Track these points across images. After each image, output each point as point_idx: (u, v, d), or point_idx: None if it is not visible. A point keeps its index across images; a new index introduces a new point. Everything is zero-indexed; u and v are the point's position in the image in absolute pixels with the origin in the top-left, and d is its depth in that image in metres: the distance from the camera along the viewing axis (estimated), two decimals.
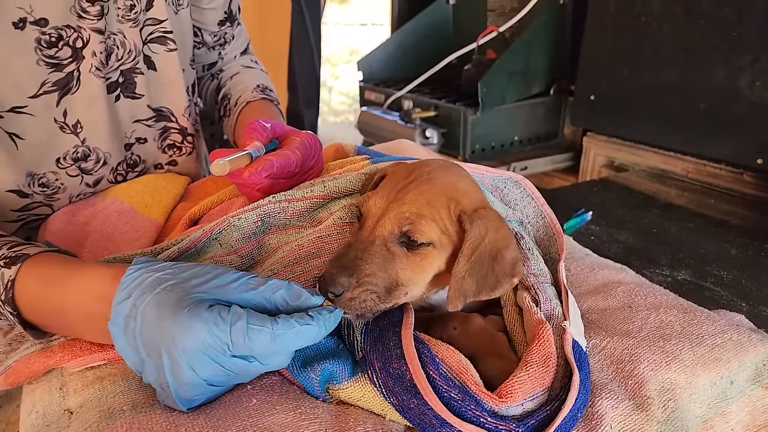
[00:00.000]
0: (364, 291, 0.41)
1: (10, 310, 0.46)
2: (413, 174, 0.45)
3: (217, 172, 0.47)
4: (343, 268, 0.41)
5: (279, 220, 0.52)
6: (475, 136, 1.55)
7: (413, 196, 0.43)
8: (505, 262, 0.44)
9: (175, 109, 0.76)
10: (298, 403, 0.42)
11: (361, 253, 0.42)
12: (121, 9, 0.66)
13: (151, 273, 0.41)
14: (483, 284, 0.43)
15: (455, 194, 0.45)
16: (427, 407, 0.38)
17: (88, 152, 0.68)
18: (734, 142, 1.16)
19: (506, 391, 0.39)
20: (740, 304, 0.76)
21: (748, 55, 1.10)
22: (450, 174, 0.47)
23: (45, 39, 0.59)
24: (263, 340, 0.37)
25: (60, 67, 0.62)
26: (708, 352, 0.49)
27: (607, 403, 0.43)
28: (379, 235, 0.43)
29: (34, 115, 0.62)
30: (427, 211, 0.43)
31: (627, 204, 1.15)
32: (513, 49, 1.52)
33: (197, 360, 0.37)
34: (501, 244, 0.44)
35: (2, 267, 0.46)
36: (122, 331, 0.39)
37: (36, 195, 0.66)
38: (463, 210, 0.44)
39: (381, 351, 0.42)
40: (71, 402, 0.44)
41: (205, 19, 0.83)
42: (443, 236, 0.43)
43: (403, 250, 0.43)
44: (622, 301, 0.56)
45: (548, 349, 0.42)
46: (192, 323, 0.36)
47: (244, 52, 0.94)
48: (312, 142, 0.59)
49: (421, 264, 0.43)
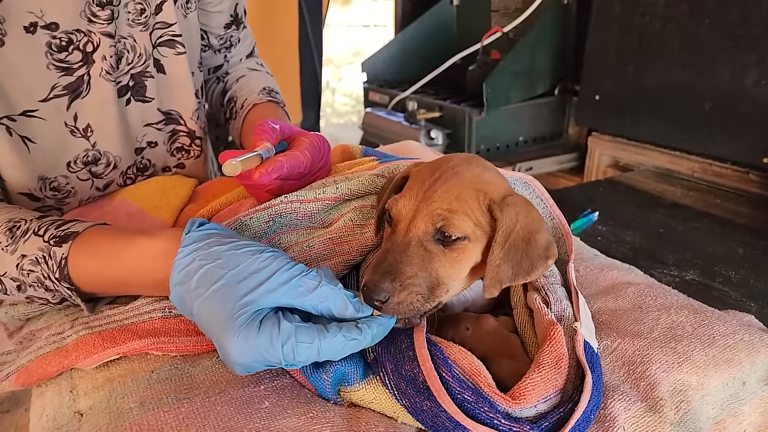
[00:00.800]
0: (409, 293, 0.41)
1: (67, 286, 0.48)
2: (437, 171, 0.46)
3: (229, 173, 0.47)
4: (384, 274, 0.40)
5: (290, 220, 0.52)
6: (480, 137, 1.55)
7: (442, 193, 0.44)
8: (538, 245, 0.44)
9: (183, 112, 0.77)
10: (310, 406, 0.42)
11: (400, 256, 0.42)
12: (131, 13, 0.66)
13: (203, 262, 0.41)
14: (518, 269, 0.43)
15: (482, 185, 0.45)
16: (440, 409, 0.38)
17: (98, 156, 0.68)
18: (740, 141, 1.16)
19: (519, 393, 0.39)
20: (749, 303, 0.76)
21: (753, 54, 1.10)
22: (473, 166, 0.47)
23: (55, 43, 0.60)
24: (311, 354, 0.39)
25: (70, 71, 0.62)
26: (720, 353, 0.48)
27: (619, 404, 0.42)
28: (414, 235, 0.43)
29: (44, 119, 0.62)
30: (458, 205, 0.43)
31: (633, 204, 1.15)
32: (517, 49, 1.52)
33: (248, 367, 0.39)
34: (533, 228, 0.44)
35: (53, 246, 0.48)
36: (181, 306, 0.42)
37: (47, 199, 0.66)
38: (492, 199, 0.44)
39: (393, 353, 0.42)
40: (81, 404, 0.44)
41: (211, 23, 0.83)
42: (477, 228, 0.43)
43: (440, 248, 0.43)
44: (633, 302, 0.56)
45: (560, 350, 0.42)
46: (246, 347, 0.38)
47: (250, 55, 0.95)
48: (321, 143, 0.59)
49: (459, 258, 0.43)
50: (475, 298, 0.52)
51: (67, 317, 0.52)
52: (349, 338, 0.40)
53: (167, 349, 0.47)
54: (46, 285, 0.48)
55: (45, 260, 0.47)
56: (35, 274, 0.48)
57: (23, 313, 0.56)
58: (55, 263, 0.47)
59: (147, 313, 0.49)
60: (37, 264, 0.47)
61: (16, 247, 0.48)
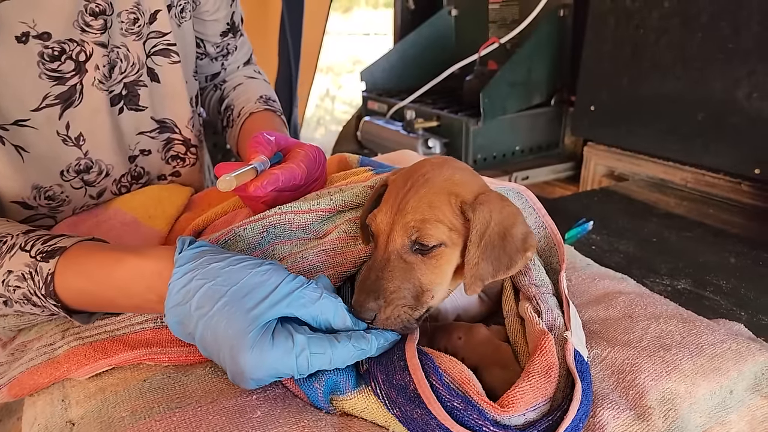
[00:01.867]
0: (395, 308, 0.42)
1: (53, 303, 0.47)
2: (410, 180, 0.46)
3: (223, 189, 0.48)
4: (369, 293, 0.42)
5: (284, 231, 0.53)
6: (477, 146, 1.56)
7: (414, 203, 0.44)
8: (515, 239, 0.45)
9: (178, 121, 0.77)
10: (302, 416, 0.42)
11: (381, 272, 0.43)
12: (124, 22, 0.66)
13: (203, 280, 0.41)
14: (498, 265, 0.44)
15: (453, 188, 0.45)
16: (430, 416, 0.38)
17: (90, 164, 0.68)
18: (732, 153, 1.17)
19: (508, 401, 0.40)
20: (739, 313, 0.77)
21: (745, 67, 1.11)
22: (445, 169, 0.47)
23: (48, 53, 0.60)
24: (323, 363, 0.41)
25: (63, 80, 0.62)
26: (708, 361, 0.49)
27: (608, 413, 0.43)
28: (393, 250, 0.44)
29: (36, 128, 0.62)
30: (431, 213, 0.44)
31: (627, 213, 1.16)
32: (514, 60, 1.54)
33: (260, 381, 0.41)
34: (507, 223, 0.45)
35: (39, 261, 0.47)
36: (178, 327, 0.42)
37: (41, 208, 0.66)
38: (463, 201, 0.45)
39: (384, 364, 0.42)
40: (73, 414, 0.44)
41: (207, 31, 0.83)
42: (452, 233, 0.44)
43: (419, 257, 0.44)
44: (623, 311, 0.56)
45: (550, 359, 0.42)
46: (261, 361, 0.39)
47: (248, 63, 0.95)
48: (316, 154, 0.59)
49: (438, 265, 0.44)
50: (467, 305, 0.53)
51: (58, 327, 0.52)
52: (358, 348, 0.41)
53: (159, 360, 0.47)
54: (33, 301, 0.47)
55: (31, 276, 0.46)
56: (21, 290, 0.47)
57: (14, 324, 0.55)
58: (41, 279, 0.46)
59: (139, 324, 0.49)
60: (23, 280, 0.46)
61: (2, 263, 0.47)
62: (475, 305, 0.53)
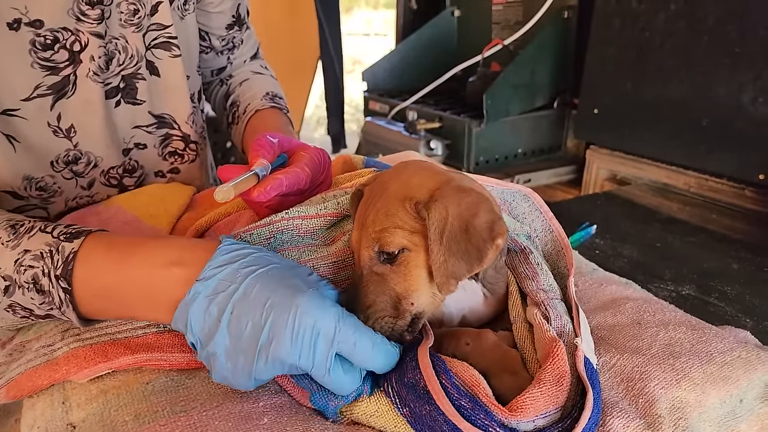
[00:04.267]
0: (375, 321, 0.43)
1: (63, 286, 0.44)
2: (372, 192, 0.47)
3: (221, 199, 0.46)
4: (350, 312, 0.42)
5: (291, 237, 0.52)
6: (479, 148, 1.55)
7: (373, 216, 0.44)
8: (479, 230, 0.43)
9: (177, 116, 0.75)
10: (309, 424, 0.41)
11: (357, 289, 0.44)
12: (123, 13, 0.65)
13: (252, 251, 0.42)
14: (468, 259, 0.42)
15: (407, 192, 0.45)
16: (438, 412, 0.38)
17: (79, 155, 0.67)
18: (736, 158, 1.17)
19: (517, 406, 0.39)
20: (745, 319, 0.76)
21: (750, 72, 1.11)
22: (403, 174, 0.47)
23: (40, 41, 0.58)
24: (366, 343, 0.40)
25: (56, 70, 0.61)
26: (717, 370, 0.48)
27: (618, 422, 0.42)
28: (364, 265, 0.45)
29: (26, 118, 0.60)
30: (388, 222, 0.44)
31: (630, 218, 1.16)
32: (517, 62, 1.53)
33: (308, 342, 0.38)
34: (467, 214, 0.43)
35: (62, 241, 0.45)
36: (208, 293, 0.39)
37: (32, 198, 0.65)
38: (417, 202, 0.44)
39: (398, 365, 0.42)
40: (74, 416, 0.43)
41: (212, 23, 0.82)
42: (413, 236, 0.43)
43: (388, 267, 0.44)
44: (631, 318, 0.56)
45: (562, 367, 0.42)
46: (315, 300, 0.39)
47: (254, 57, 0.93)
48: (321, 157, 0.58)
49: (407, 271, 0.44)
50: (472, 305, 0.52)
51: (58, 328, 0.51)
52: None
53: (160, 366, 0.46)
54: (41, 285, 0.44)
55: (51, 254, 0.44)
56: (33, 271, 0.44)
57: (11, 323, 0.54)
58: (61, 258, 0.44)
59: (141, 328, 0.49)
60: (40, 259, 0.44)
61: (19, 242, 0.45)
62: (480, 305, 0.53)
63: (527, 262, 0.53)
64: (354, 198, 0.50)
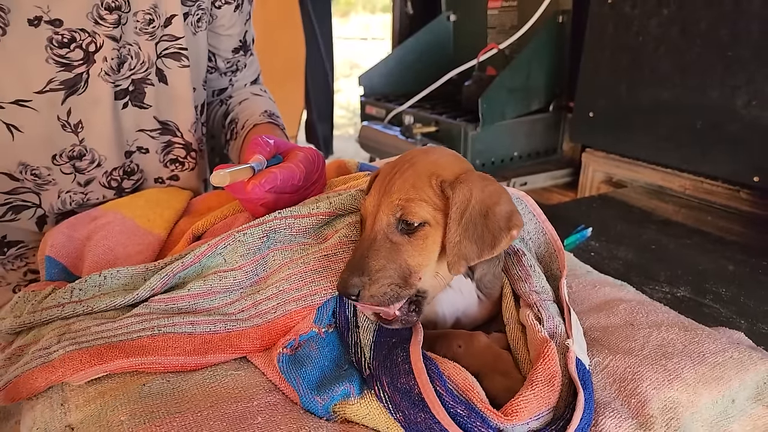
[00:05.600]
0: (381, 286, 0.42)
1: None
2: (396, 166, 0.48)
3: (216, 183, 0.48)
4: (353, 270, 0.42)
5: (284, 236, 0.53)
6: (475, 152, 1.56)
7: (399, 185, 0.45)
8: (497, 218, 0.44)
9: (181, 124, 0.77)
10: (302, 422, 0.42)
11: (367, 251, 0.44)
12: (139, 22, 0.68)
13: None
14: (482, 244, 0.43)
15: (436, 169, 0.46)
16: (434, 421, 0.38)
17: (84, 152, 0.69)
18: (731, 160, 1.17)
19: (512, 410, 0.39)
20: (739, 321, 0.77)
21: (743, 75, 1.12)
22: (430, 154, 0.49)
23: (57, 39, 0.61)
24: None
25: (70, 67, 0.64)
26: (709, 370, 0.49)
27: (610, 422, 0.43)
28: (379, 229, 0.45)
29: (37, 110, 0.63)
30: (414, 193, 0.44)
31: (626, 220, 1.16)
32: (513, 66, 1.54)
33: None
34: (489, 201, 0.45)
35: None
36: None
37: (26, 181, 0.67)
38: (443, 180, 0.45)
39: (389, 367, 0.42)
40: (72, 418, 0.44)
41: (221, 45, 0.85)
42: (436, 213, 0.45)
43: (405, 238, 0.44)
44: (624, 319, 0.56)
45: (553, 368, 0.42)
46: None
47: (255, 82, 0.97)
48: (315, 156, 0.59)
49: (424, 246, 0.45)
50: (466, 307, 0.53)
51: (54, 332, 0.52)
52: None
53: (154, 369, 0.47)
54: None
55: None
56: None
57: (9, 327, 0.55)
58: None
59: (135, 332, 0.49)
60: None
61: None
62: (474, 307, 0.53)
63: (520, 264, 0.54)
64: (374, 176, 0.51)
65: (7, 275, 0.74)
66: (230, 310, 0.51)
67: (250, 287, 0.52)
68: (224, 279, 0.52)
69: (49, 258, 0.62)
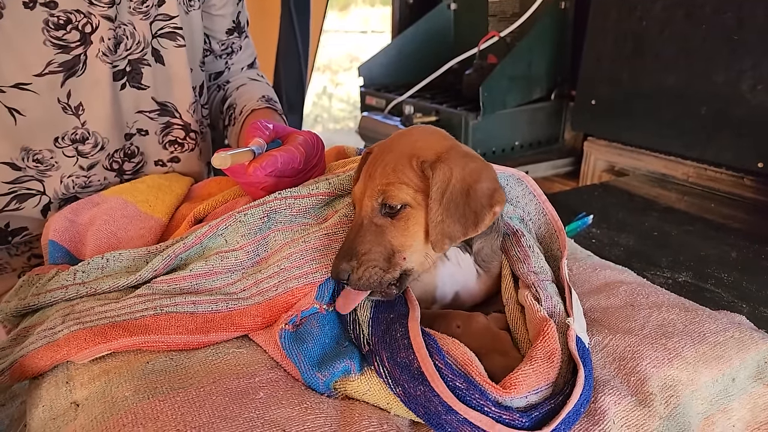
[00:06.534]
0: (366, 268, 0.44)
1: None
2: (380, 149, 0.49)
3: (217, 165, 0.48)
4: (344, 256, 0.44)
5: (284, 216, 0.53)
6: (476, 141, 1.55)
7: (381, 169, 0.46)
8: (479, 195, 0.45)
9: (179, 105, 0.78)
10: (304, 397, 0.42)
11: (355, 236, 0.45)
12: (133, 1, 0.68)
13: None
14: (464, 222, 0.44)
15: (415, 151, 0.47)
16: (433, 393, 0.38)
17: (86, 135, 0.70)
18: (735, 146, 1.17)
19: (510, 383, 0.39)
20: (741, 305, 0.77)
21: (749, 60, 1.11)
22: (412, 135, 0.49)
23: (53, 21, 0.62)
24: None
25: (67, 49, 0.64)
26: (710, 349, 0.49)
27: (610, 399, 0.43)
28: (365, 215, 0.46)
29: (37, 93, 0.64)
30: (394, 177, 0.45)
31: (627, 208, 1.16)
32: (514, 54, 1.53)
33: None
34: (470, 179, 0.45)
35: None
36: None
37: (29, 169, 0.68)
38: (424, 161, 0.46)
39: (389, 342, 0.42)
40: (78, 395, 0.45)
41: (214, 26, 0.85)
42: (417, 194, 0.45)
43: (389, 220, 0.46)
44: (624, 300, 0.56)
45: (553, 345, 0.42)
46: None
47: (251, 66, 0.97)
48: (314, 140, 0.60)
49: (406, 227, 0.45)
50: (465, 282, 0.53)
51: (59, 312, 0.52)
52: None
53: (157, 347, 0.47)
54: None
55: None
56: None
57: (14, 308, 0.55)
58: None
59: (139, 312, 0.50)
60: None
61: None
62: (473, 282, 0.53)
63: (519, 245, 0.54)
64: (363, 157, 0.52)
65: (11, 261, 0.75)
66: (232, 290, 0.51)
67: (251, 267, 0.52)
68: (226, 259, 0.52)
69: (53, 242, 0.63)
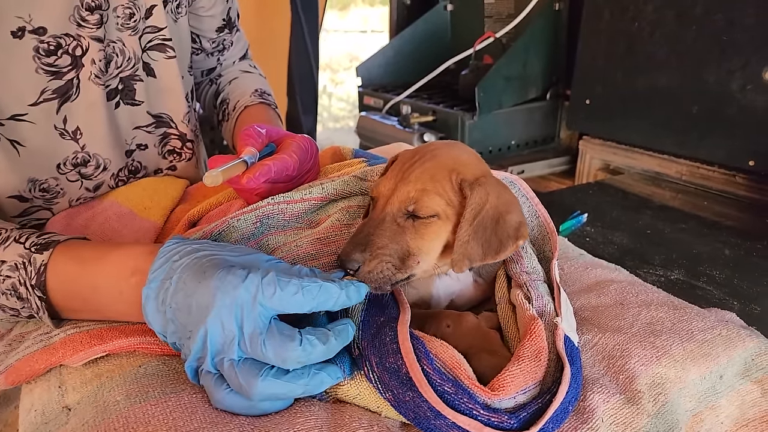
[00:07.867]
0: (379, 262, 0.43)
1: (39, 295, 0.47)
2: (418, 154, 0.48)
3: (209, 184, 0.48)
4: (357, 245, 0.44)
5: (277, 221, 0.53)
6: (472, 141, 1.56)
7: (418, 174, 0.46)
8: (507, 226, 0.46)
9: (174, 115, 0.77)
10: (295, 401, 0.42)
11: (373, 229, 0.45)
12: (120, 17, 0.66)
13: (189, 244, 0.43)
14: (487, 248, 0.45)
15: (457, 166, 0.47)
16: (422, 399, 0.39)
17: (87, 158, 0.69)
18: (727, 145, 1.18)
19: (498, 385, 0.40)
20: (732, 302, 0.77)
21: (739, 60, 1.12)
22: (453, 149, 0.50)
23: (43, 47, 0.60)
24: (291, 290, 0.39)
25: (59, 74, 0.62)
26: (698, 347, 0.49)
27: (598, 397, 0.43)
28: (389, 212, 0.46)
29: (34, 122, 0.62)
30: (431, 185, 0.46)
31: (622, 206, 1.17)
32: (510, 54, 1.54)
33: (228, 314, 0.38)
34: (503, 208, 0.46)
35: (33, 253, 0.47)
36: (154, 294, 0.41)
37: (36, 199, 0.67)
38: (464, 179, 0.46)
39: (378, 347, 0.43)
40: (69, 399, 0.45)
41: (203, 26, 0.84)
42: (448, 207, 0.46)
43: (411, 222, 0.46)
44: (614, 299, 0.57)
45: (540, 344, 0.43)
46: (228, 277, 0.39)
47: (243, 57, 0.95)
48: (308, 145, 0.60)
49: (427, 232, 0.46)
50: (462, 289, 0.53)
51: None
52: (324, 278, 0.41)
53: (152, 350, 0.47)
54: (20, 293, 0.47)
55: (24, 266, 0.47)
56: (11, 281, 0.47)
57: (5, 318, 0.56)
58: (34, 269, 0.47)
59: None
60: (15, 270, 0.47)
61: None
62: (470, 289, 0.54)
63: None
64: (391, 159, 0.52)
65: None
66: None
67: None
68: None
69: None
